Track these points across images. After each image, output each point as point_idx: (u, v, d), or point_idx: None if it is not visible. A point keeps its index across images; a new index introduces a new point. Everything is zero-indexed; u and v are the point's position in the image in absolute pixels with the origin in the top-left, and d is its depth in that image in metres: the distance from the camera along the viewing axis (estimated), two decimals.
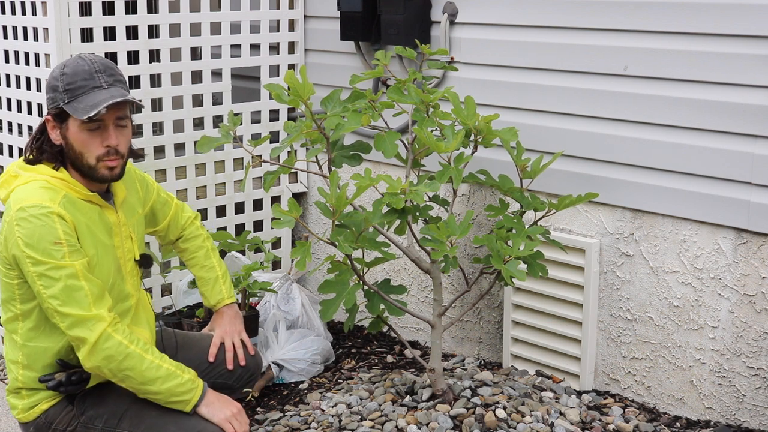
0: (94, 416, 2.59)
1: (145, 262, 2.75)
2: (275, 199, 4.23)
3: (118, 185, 2.66)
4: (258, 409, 3.41)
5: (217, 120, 3.95)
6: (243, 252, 4.02)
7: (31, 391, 2.58)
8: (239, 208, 4.14)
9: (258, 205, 4.19)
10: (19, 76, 3.69)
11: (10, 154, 3.80)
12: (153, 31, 3.74)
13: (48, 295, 2.39)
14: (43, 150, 2.53)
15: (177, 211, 2.98)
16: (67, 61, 2.53)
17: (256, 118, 4.10)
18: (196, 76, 3.89)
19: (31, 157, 2.55)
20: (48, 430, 2.59)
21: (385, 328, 3.83)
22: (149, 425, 2.55)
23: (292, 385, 3.61)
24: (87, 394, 2.61)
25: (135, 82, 3.65)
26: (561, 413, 3.10)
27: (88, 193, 2.52)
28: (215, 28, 3.91)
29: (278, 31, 4.11)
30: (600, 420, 3.13)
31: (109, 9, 3.57)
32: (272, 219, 4.13)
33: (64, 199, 2.46)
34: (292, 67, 4.16)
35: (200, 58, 4.05)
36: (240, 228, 4.13)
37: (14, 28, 3.66)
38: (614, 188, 3.24)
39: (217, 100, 3.96)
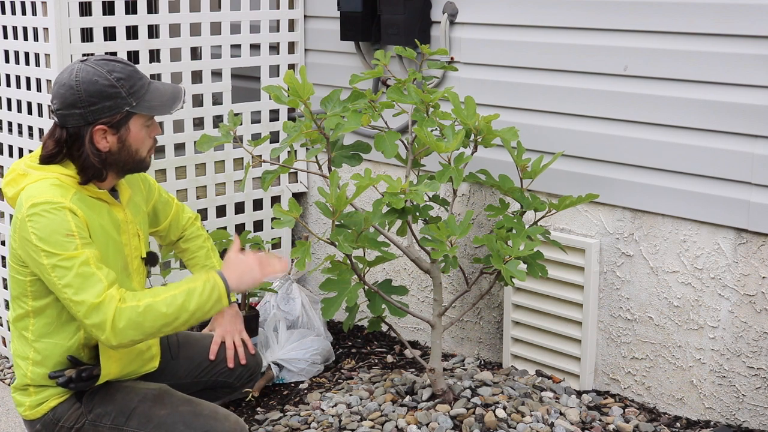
0: (102, 414, 2.59)
1: (151, 259, 2.75)
2: (275, 199, 4.23)
3: (122, 185, 2.66)
4: (258, 409, 3.41)
5: (217, 120, 3.95)
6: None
7: (39, 387, 2.58)
8: (239, 208, 4.14)
9: (258, 205, 4.19)
10: (19, 76, 3.69)
11: (10, 154, 3.80)
12: (153, 31, 3.74)
13: (62, 285, 2.39)
14: (87, 166, 2.48)
15: (178, 212, 2.99)
16: (88, 69, 2.46)
17: (256, 118, 4.10)
18: (196, 76, 3.89)
19: (51, 151, 2.52)
20: (55, 427, 2.59)
21: (385, 328, 3.83)
22: (158, 424, 2.55)
23: (292, 385, 3.61)
24: (96, 391, 2.61)
25: None
26: (561, 413, 3.10)
27: (98, 190, 2.53)
28: (215, 28, 3.91)
29: (278, 31, 4.11)
30: (600, 420, 3.13)
31: (109, 9, 3.57)
32: (272, 219, 4.14)
33: (75, 196, 2.47)
34: (292, 67, 4.16)
35: (200, 58, 4.05)
36: (240, 228, 4.13)
37: (14, 28, 3.66)
38: (614, 188, 3.24)
39: (217, 100, 3.96)
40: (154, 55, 3.78)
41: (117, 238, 2.58)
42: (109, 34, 3.60)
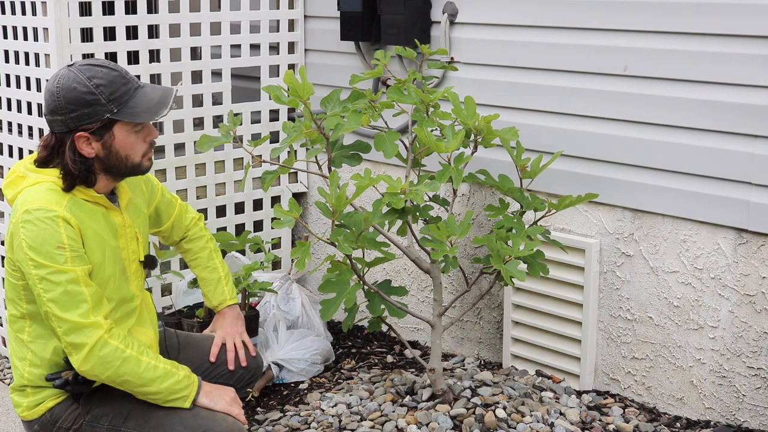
0: (99, 415, 2.59)
1: (149, 263, 2.75)
2: (275, 199, 4.23)
3: (123, 187, 2.65)
4: (258, 409, 3.41)
5: (217, 120, 3.95)
6: (243, 252, 4.02)
7: (36, 388, 2.58)
8: (239, 208, 4.14)
9: (258, 205, 4.19)
10: (19, 76, 3.69)
11: (10, 154, 3.80)
12: (153, 31, 3.74)
13: (48, 298, 2.39)
14: (67, 172, 2.45)
15: (181, 212, 2.98)
16: (70, 75, 2.43)
17: (256, 118, 4.10)
18: (196, 76, 3.89)
19: (42, 156, 2.52)
20: (53, 428, 2.59)
21: (384, 328, 3.83)
22: (155, 425, 2.55)
23: (292, 385, 3.61)
24: (93, 392, 2.60)
25: None
26: (561, 413, 3.10)
27: (95, 194, 2.52)
28: (215, 28, 3.91)
29: (278, 31, 4.11)
30: (600, 420, 3.13)
31: (109, 9, 3.57)
32: (272, 219, 4.14)
33: (70, 201, 2.45)
34: (292, 67, 4.16)
35: (200, 58, 4.05)
36: (240, 228, 4.13)
37: (14, 28, 3.66)
38: (614, 188, 3.24)
39: (217, 100, 3.96)
40: (154, 55, 3.78)
41: (113, 242, 2.56)
42: (109, 34, 3.60)
